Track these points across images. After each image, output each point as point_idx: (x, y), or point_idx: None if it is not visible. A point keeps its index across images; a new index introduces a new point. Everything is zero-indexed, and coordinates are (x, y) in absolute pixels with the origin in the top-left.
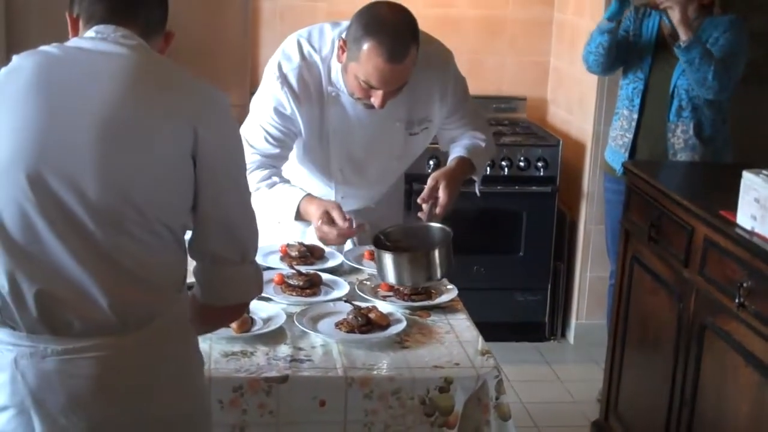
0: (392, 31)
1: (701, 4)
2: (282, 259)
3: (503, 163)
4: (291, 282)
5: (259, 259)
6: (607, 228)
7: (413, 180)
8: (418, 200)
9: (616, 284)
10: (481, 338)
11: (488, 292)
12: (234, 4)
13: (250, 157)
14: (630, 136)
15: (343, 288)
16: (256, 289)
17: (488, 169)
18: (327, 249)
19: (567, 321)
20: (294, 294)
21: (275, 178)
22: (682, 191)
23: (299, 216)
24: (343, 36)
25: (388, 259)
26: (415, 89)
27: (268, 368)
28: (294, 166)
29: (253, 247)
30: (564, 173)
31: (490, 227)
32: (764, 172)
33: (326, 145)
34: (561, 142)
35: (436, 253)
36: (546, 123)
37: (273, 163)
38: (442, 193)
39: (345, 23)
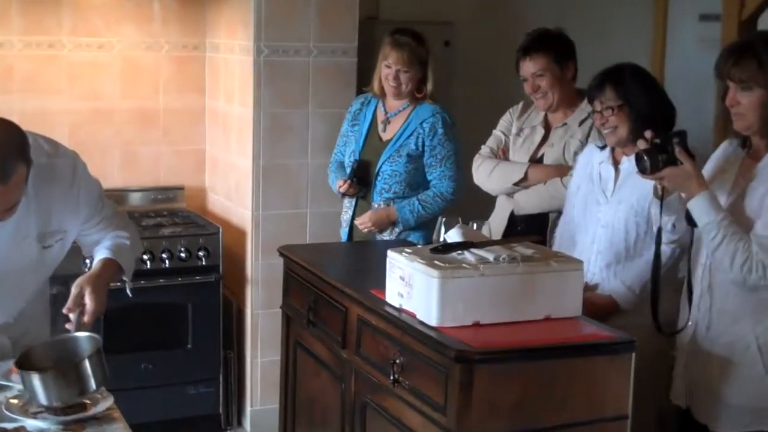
0: None
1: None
2: None
3: (164, 255)
4: None
5: None
6: None
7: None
8: (64, 310)
9: (282, 368)
10: None
11: (160, 389)
12: None
13: None
14: (350, 212)
15: None
16: None
17: (149, 263)
18: None
19: (242, 409)
20: None
21: None
22: (335, 272)
23: None
24: None
25: (35, 379)
26: (43, 203)
27: None
28: None
29: None
30: (226, 260)
31: (155, 322)
32: (406, 250)
33: None
34: (221, 230)
35: (86, 364)
36: (206, 211)
37: None
38: (88, 300)
39: None
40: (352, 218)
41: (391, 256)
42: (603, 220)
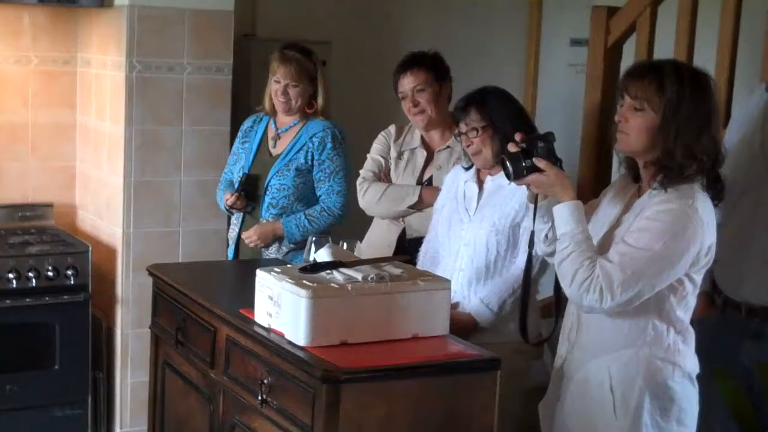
0: None
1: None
2: None
3: (30, 274)
4: None
5: None
6: None
7: None
8: None
9: (150, 389)
10: None
11: (25, 412)
12: None
13: None
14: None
15: None
16: None
17: (15, 281)
18: None
19: (110, 431)
20: None
21: None
22: (206, 292)
23: None
24: None
25: None
26: None
27: None
28: None
29: None
30: (96, 279)
31: (21, 342)
32: (275, 269)
33: None
34: (90, 248)
35: None
36: (76, 229)
37: None
38: None
39: None
40: (239, 235)
41: (260, 275)
42: (465, 239)
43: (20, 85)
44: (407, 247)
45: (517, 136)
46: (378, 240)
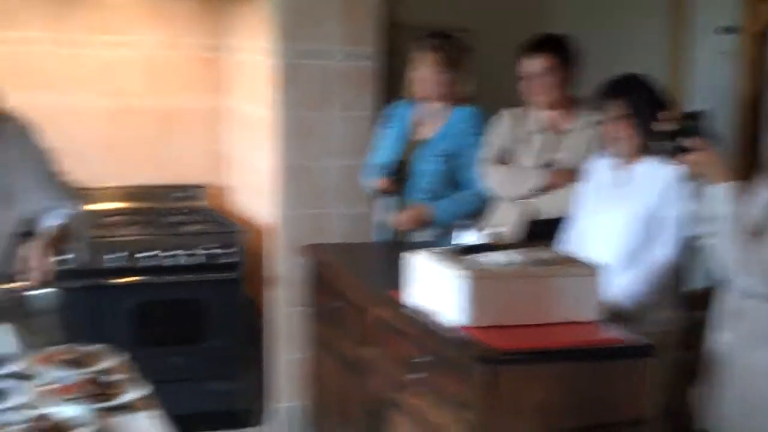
0: None
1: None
2: None
3: (185, 252)
4: None
5: None
6: None
7: None
8: (13, 272)
9: (306, 366)
10: None
11: (184, 383)
12: None
13: None
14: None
15: (20, 395)
16: None
17: (171, 259)
18: None
19: (263, 407)
20: None
21: None
22: (357, 273)
23: None
24: None
25: None
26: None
27: None
28: None
29: None
30: (248, 259)
31: (178, 317)
32: (429, 251)
33: None
34: (243, 229)
35: (44, 318)
36: (228, 210)
37: None
38: (35, 262)
39: None
40: (387, 219)
41: (414, 256)
42: (607, 226)
43: (173, 71)
44: (537, 230)
45: (664, 115)
46: (502, 220)
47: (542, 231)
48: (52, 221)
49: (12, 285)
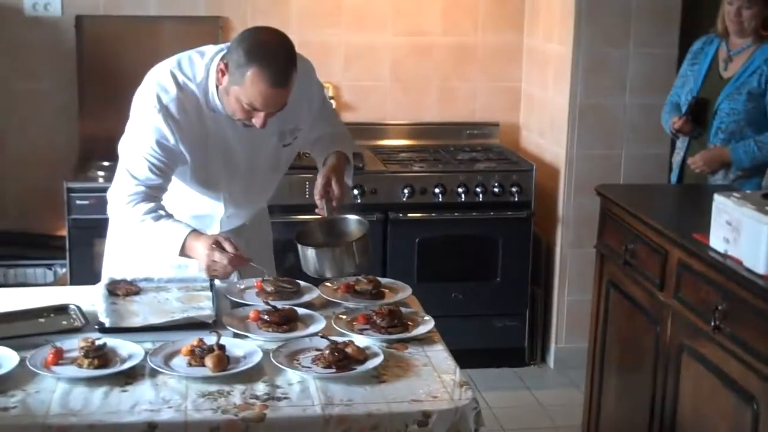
0: (275, 57)
1: (759, 34)
2: (257, 294)
3: (477, 189)
4: (266, 318)
5: (235, 294)
6: None
7: None
8: (315, 197)
9: (593, 308)
10: (459, 370)
11: (466, 319)
12: None
13: (133, 189)
14: (682, 153)
15: (319, 323)
16: None
17: (463, 195)
18: (302, 284)
19: (546, 345)
20: (270, 330)
21: (161, 212)
22: (655, 215)
23: (183, 252)
24: (224, 60)
25: (311, 254)
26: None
27: (245, 407)
28: (180, 187)
29: None
30: (539, 198)
31: (466, 254)
32: (735, 194)
33: (212, 167)
34: (535, 167)
35: (358, 243)
36: (519, 148)
37: (155, 194)
38: (335, 187)
39: (211, 49)
40: (683, 160)
41: (718, 200)
42: None
43: (471, 8)
44: None
45: None
46: None
47: None
48: (335, 148)
49: (317, 210)
